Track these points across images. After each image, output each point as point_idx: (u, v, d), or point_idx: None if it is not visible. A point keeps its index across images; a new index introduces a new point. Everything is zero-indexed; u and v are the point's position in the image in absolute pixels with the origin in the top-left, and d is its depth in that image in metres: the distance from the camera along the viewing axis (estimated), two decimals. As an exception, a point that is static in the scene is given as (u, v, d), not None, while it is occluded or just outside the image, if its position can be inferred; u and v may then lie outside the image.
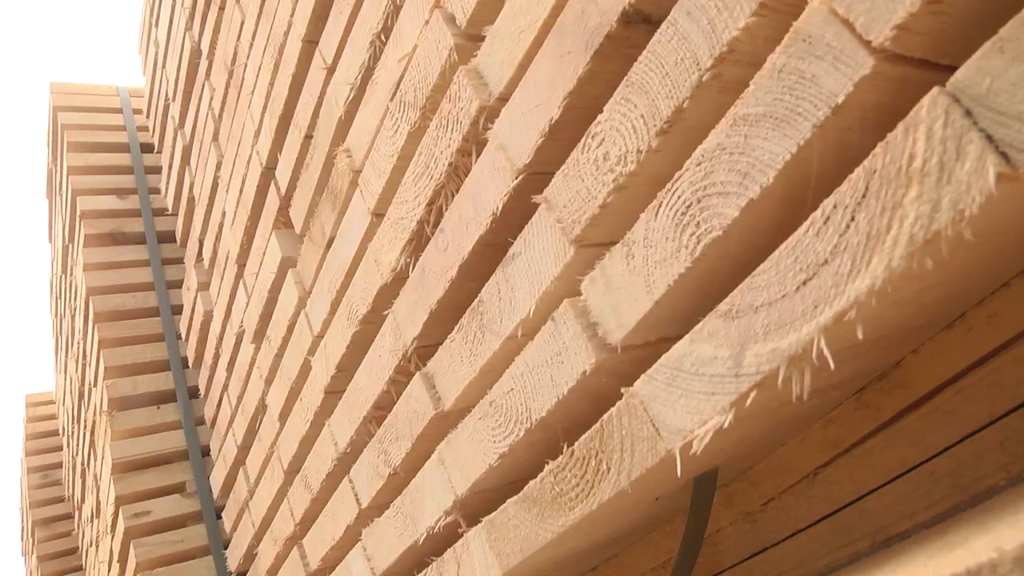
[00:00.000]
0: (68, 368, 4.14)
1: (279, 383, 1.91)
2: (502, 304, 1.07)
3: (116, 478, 2.85)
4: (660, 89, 0.83)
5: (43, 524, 5.10)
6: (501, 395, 1.05)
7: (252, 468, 2.24)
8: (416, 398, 1.27)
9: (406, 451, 1.32)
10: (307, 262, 1.73)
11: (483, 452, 1.11)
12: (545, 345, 0.97)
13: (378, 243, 1.36)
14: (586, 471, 0.93)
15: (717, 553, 1.43)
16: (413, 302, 1.26)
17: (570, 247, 0.95)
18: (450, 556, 1.21)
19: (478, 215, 1.10)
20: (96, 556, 3.92)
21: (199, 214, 2.66)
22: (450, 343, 1.18)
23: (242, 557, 2.42)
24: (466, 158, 1.16)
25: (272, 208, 1.92)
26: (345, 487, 1.56)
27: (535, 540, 1.02)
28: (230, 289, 2.33)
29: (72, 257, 3.63)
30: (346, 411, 1.54)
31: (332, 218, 1.59)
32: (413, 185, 1.25)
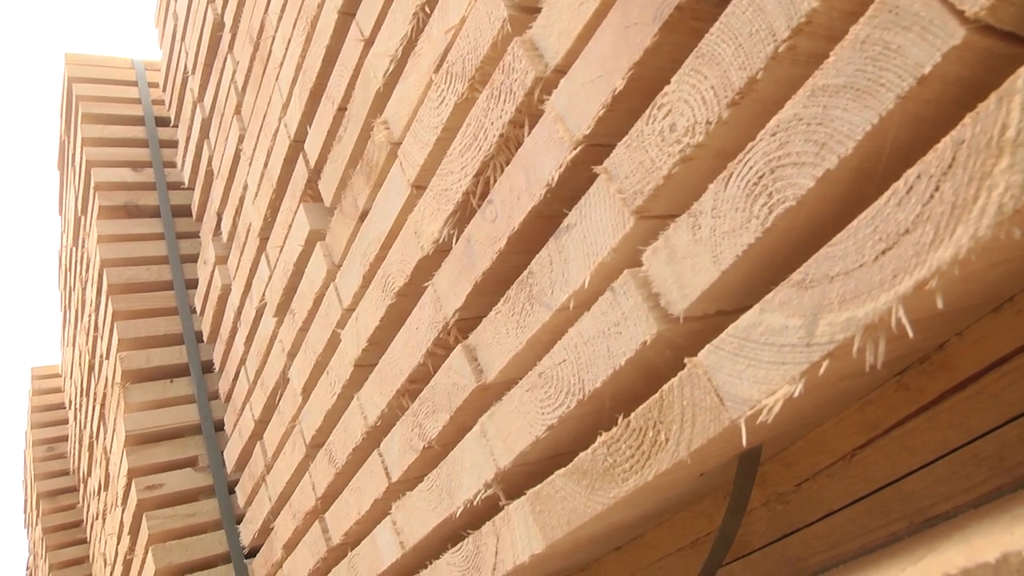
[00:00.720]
0: (77, 341, 4.13)
1: (303, 356, 1.90)
2: (553, 275, 1.06)
3: (129, 450, 2.84)
4: (733, 60, 0.83)
5: (48, 496, 5.10)
6: (552, 366, 1.05)
7: (270, 442, 2.24)
8: (457, 370, 1.26)
9: (443, 424, 1.32)
10: (337, 235, 1.72)
11: (529, 424, 1.10)
12: (602, 316, 0.97)
13: (419, 215, 1.36)
14: (642, 442, 0.92)
15: (747, 534, 1.43)
16: (456, 274, 1.26)
17: (630, 218, 0.95)
18: (488, 529, 1.21)
19: (530, 186, 1.10)
20: (103, 529, 3.92)
21: (218, 188, 2.65)
22: (495, 315, 1.18)
23: (256, 532, 2.42)
24: (518, 129, 1.15)
25: (300, 181, 1.91)
26: (374, 461, 1.56)
27: (583, 512, 1.02)
28: (251, 263, 2.32)
29: (85, 229, 3.61)
30: (377, 384, 1.53)
31: (366, 190, 1.58)
32: (460, 156, 1.24)
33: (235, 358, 2.56)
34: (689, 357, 0.86)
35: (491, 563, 1.21)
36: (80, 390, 4.09)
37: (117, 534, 3.33)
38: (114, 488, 3.28)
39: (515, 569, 1.16)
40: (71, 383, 4.51)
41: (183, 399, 3.00)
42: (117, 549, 3.40)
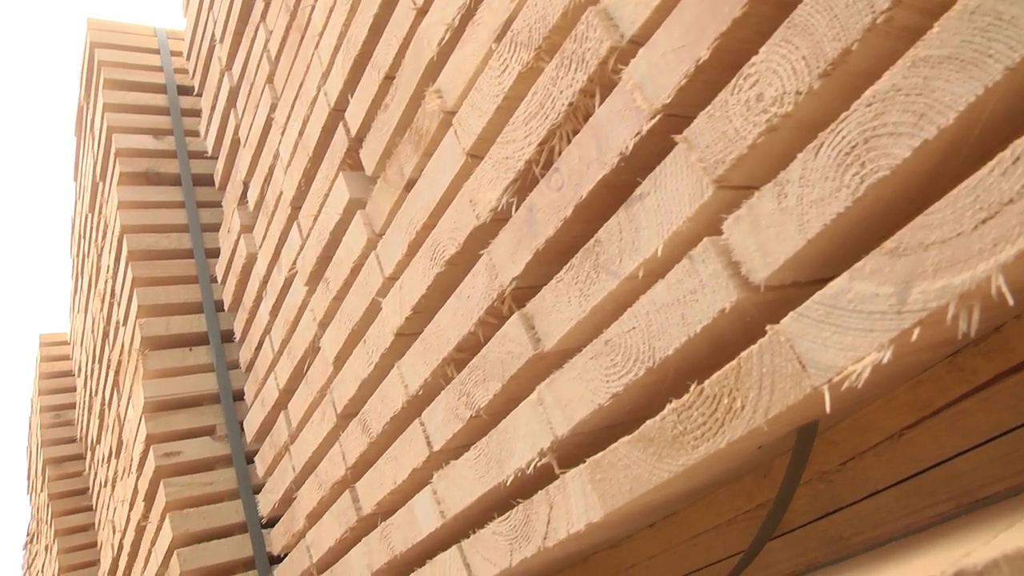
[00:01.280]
0: (90, 308, 4.13)
1: (337, 325, 1.91)
2: (623, 244, 1.07)
3: (147, 417, 2.85)
4: (827, 31, 0.83)
5: (55, 463, 5.11)
6: (620, 334, 1.05)
7: (296, 412, 2.24)
8: (512, 339, 1.27)
9: (494, 393, 1.32)
10: (379, 203, 1.72)
11: (592, 392, 1.11)
12: (678, 283, 0.97)
13: (475, 183, 1.36)
14: (716, 409, 0.93)
15: (788, 512, 1.44)
16: (515, 242, 1.26)
17: (709, 187, 0.95)
18: (541, 498, 1.21)
19: (602, 155, 1.10)
20: (112, 496, 3.92)
21: (245, 157, 2.64)
22: (556, 284, 1.18)
23: (277, 502, 2.42)
24: (588, 99, 1.15)
25: (339, 149, 1.91)
26: (414, 430, 1.56)
27: (647, 480, 1.02)
28: (280, 231, 2.32)
29: (103, 195, 3.61)
30: (421, 353, 1.54)
31: (414, 159, 1.58)
32: (524, 125, 1.24)
33: (259, 327, 2.56)
34: (770, 325, 0.86)
35: (542, 532, 1.22)
36: (92, 357, 4.09)
37: (130, 501, 3.34)
38: (128, 455, 3.29)
39: (568, 538, 1.17)
40: (81, 350, 4.51)
41: (202, 368, 3.00)
42: (129, 516, 3.41)
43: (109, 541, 4.04)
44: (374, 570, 1.76)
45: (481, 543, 1.37)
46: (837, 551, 1.42)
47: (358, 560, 1.82)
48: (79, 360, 4.69)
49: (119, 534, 3.71)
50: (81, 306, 4.51)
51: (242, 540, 2.74)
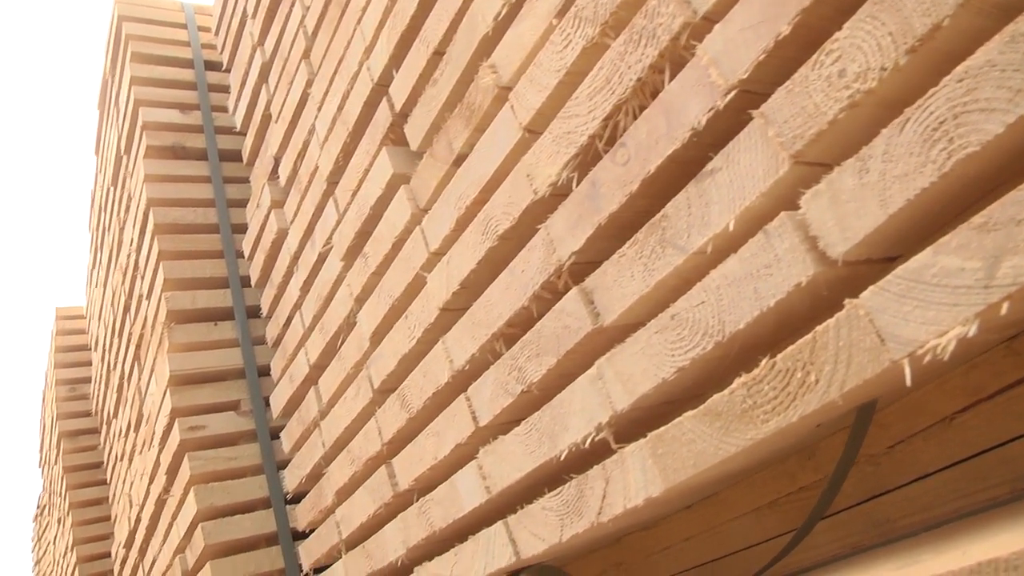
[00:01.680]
0: (110, 281, 4.14)
1: (376, 301, 1.91)
2: (691, 219, 1.07)
3: (173, 390, 2.86)
4: (916, 7, 0.83)
5: (69, 436, 5.14)
6: (688, 308, 1.06)
7: (327, 387, 2.25)
8: (569, 313, 1.27)
9: (548, 368, 1.33)
10: (425, 178, 1.73)
11: (656, 366, 1.11)
12: (752, 258, 0.98)
13: (533, 158, 1.36)
14: (788, 383, 0.93)
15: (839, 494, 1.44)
16: (575, 217, 1.27)
17: (785, 162, 0.95)
18: (597, 473, 1.22)
19: (671, 130, 1.10)
20: (129, 469, 3.94)
21: (277, 132, 2.65)
22: (619, 258, 1.19)
23: (304, 477, 2.43)
24: (656, 75, 1.15)
25: (381, 125, 1.92)
26: (459, 405, 1.57)
27: (713, 455, 1.03)
28: (315, 207, 2.33)
29: (127, 169, 3.62)
30: (469, 328, 1.54)
31: (464, 134, 1.59)
32: (588, 100, 1.25)
33: (288, 303, 2.57)
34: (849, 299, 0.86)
35: (596, 507, 1.22)
36: (111, 331, 4.11)
37: (150, 474, 3.36)
38: (149, 428, 3.31)
39: (624, 513, 1.18)
40: (99, 324, 4.52)
41: (227, 343, 3.02)
42: (149, 489, 3.43)
43: (125, 514, 4.06)
44: (410, 546, 1.77)
45: (529, 518, 1.38)
46: (882, 534, 1.43)
47: (393, 536, 1.83)
48: (96, 334, 4.71)
49: (136, 507, 3.72)
50: (99, 280, 4.52)
51: (266, 515, 2.76)
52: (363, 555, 2.00)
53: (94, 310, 4.83)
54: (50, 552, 6.72)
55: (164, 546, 3.25)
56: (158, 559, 3.41)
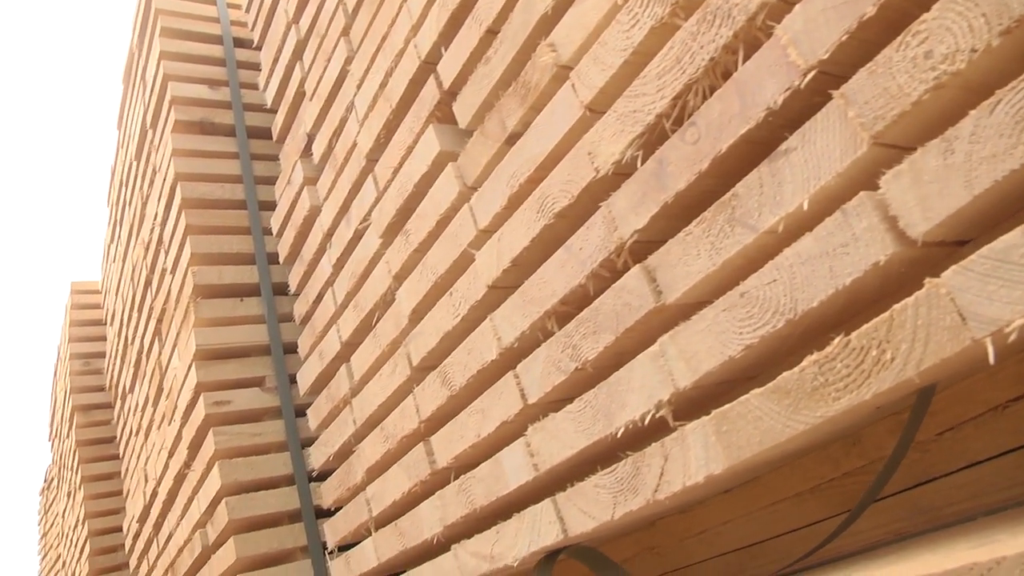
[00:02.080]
0: (129, 256, 4.16)
1: (417, 278, 1.93)
2: (763, 198, 1.09)
3: (198, 365, 2.88)
4: (1013, -11, 0.84)
5: (83, 410, 5.16)
6: (759, 286, 1.07)
7: (360, 365, 2.26)
8: (630, 291, 1.29)
9: (605, 345, 1.34)
10: (474, 156, 1.74)
11: (723, 344, 1.13)
12: (828, 237, 0.99)
13: (595, 136, 1.37)
14: (863, 361, 0.95)
15: (879, 482, 1.45)
16: (640, 195, 1.28)
17: (864, 143, 0.97)
18: (655, 450, 1.23)
19: (745, 110, 1.12)
20: (145, 444, 3.97)
21: (311, 109, 2.66)
22: (685, 236, 1.20)
23: (332, 455, 2.45)
24: (729, 55, 1.17)
25: (428, 102, 1.93)
26: (507, 383, 1.59)
27: (780, 432, 1.04)
28: (351, 184, 2.34)
29: (152, 143, 3.63)
30: (520, 306, 1.56)
31: (519, 112, 1.60)
32: (656, 79, 1.26)
33: (319, 280, 2.58)
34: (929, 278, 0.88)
35: (653, 485, 1.24)
36: (131, 305, 4.12)
37: (170, 449, 3.38)
38: (171, 402, 3.33)
39: (683, 491, 1.19)
40: (116, 299, 4.54)
41: (252, 319, 3.03)
42: (168, 463, 3.45)
43: (140, 488, 4.08)
44: (447, 523, 1.78)
45: (579, 496, 1.39)
46: (928, 521, 1.44)
47: (430, 513, 1.85)
48: (112, 308, 4.73)
49: (153, 482, 3.75)
50: (118, 255, 4.54)
51: (289, 492, 2.77)
52: (395, 533, 2.01)
53: (111, 285, 4.84)
54: (57, 525, 6.76)
55: (183, 521, 3.27)
56: (175, 534, 3.44)
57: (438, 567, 1.83)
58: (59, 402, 5.93)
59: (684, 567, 1.90)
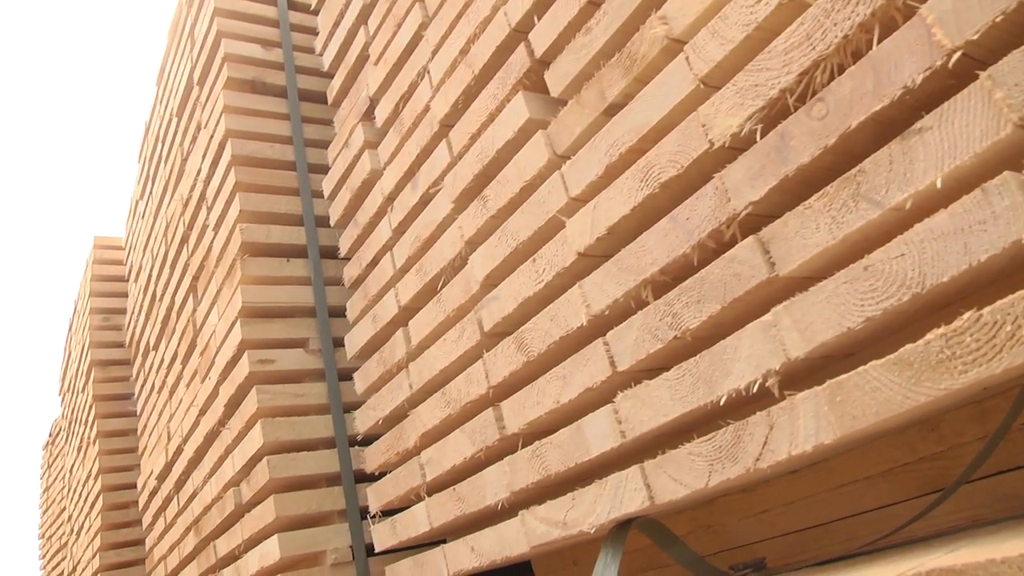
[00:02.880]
0: (162, 212, 4.20)
1: (495, 243, 1.97)
2: (892, 175, 1.13)
3: (244, 322, 2.92)
4: None
5: (101, 365, 5.21)
6: (885, 260, 1.12)
7: (419, 329, 2.31)
8: (742, 262, 1.33)
9: (710, 314, 1.39)
10: (568, 125, 1.78)
11: (841, 315, 1.17)
12: (965, 214, 1.03)
13: (711, 109, 1.42)
14: (995, 336, 0.99)
15: (957, 468, 1.50)
16: (758, 168, 1.33)
17: (1007, 125, 1.01)
18: (759, 419, 1.28)
19: (879, 88, 1.16)
20: (170, 401, 4.01)
21: (376, 73, 2.70)
22: (803, 210, 1.25)
23: (382, 419, 2.49)
24: (864, 33, 1.21)
25: (515, 70, 1.97)
26: (594, 350, 1.63)
27: (899, 404, 1.09)
28: (419, 148, 2.39)
29: (199, 100, 3.67)
30: (614, 274, 1.60)
31: (621, 83, 1.64)
32: (783, 55, 1.30)
33: (375, 244, 2.63)
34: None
35: (755, 453, 1.29)
36: (161, 261, 4.17)
37: (201, 406, 3.42)
38: (206, 360, 3.37)
39: (788, 460, 1.24)
40: (144, 255, 4.58)
41: (298, 280, 3.08)
42: (199, 421, 3.49)
43: (161, 446, 4.13)
44: (515, 489, 1.83)
45: (671, 463, 1.44)
46: (1007, 509, 1.48)
47: (495, 479, 1.90)
48: (138, 265, 4.77)
49: (178, 439, 3.79)
50: (149, 211, 4.58)
51: (329, 455, 2.82)
52: (453, 498, 2.06)
53: (137, 240, 4.89)
54: (62, 480, 6.82)
55: (212, 479, 3.32)
56: (201, 492, 3.49)
57: (500, 533, 1.87)
58: (74, 356, 5.98)
59: (740, 546, 1.94)
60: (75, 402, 5.92)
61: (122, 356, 5.30)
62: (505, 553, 1.86)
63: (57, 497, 7.25)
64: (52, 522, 7.51)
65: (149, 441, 4.48)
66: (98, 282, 5.48)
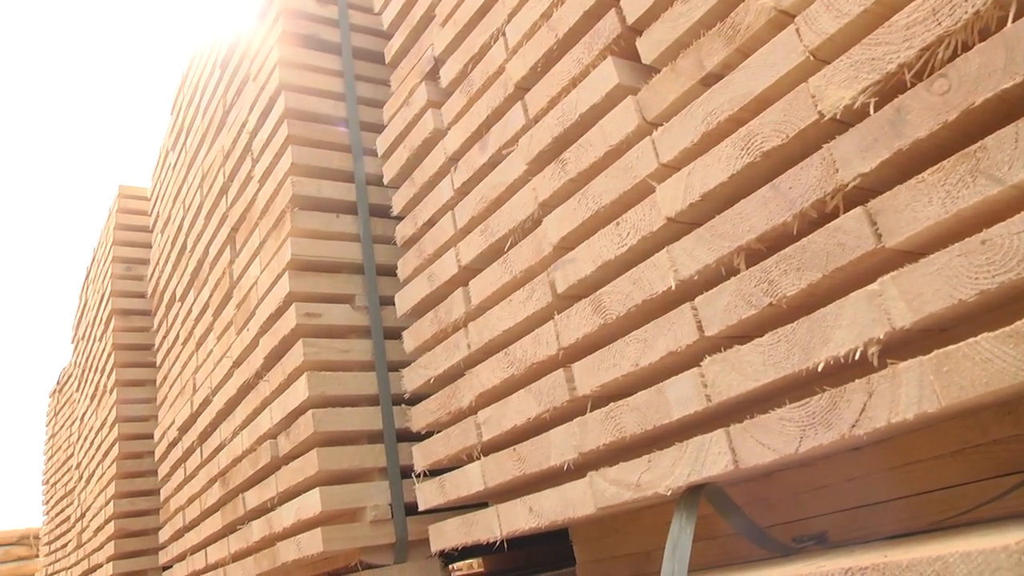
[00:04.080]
0: (199, 163, 4.25)
1: (574, 206, 2.02)
2: (1016, 153, 1.18)
3: (292, 274, 2.98)
4: None
5: (121, 314, 5.28)
6: (1005, 235, 1.17)
7: (481, 289, 2.36)
8: (847, 232, 1.39)
9: (809, 282, 1.45)
10: (661, 92, 1.83)
11: (953, 287, 1.23)
12: (1094, 193, 1.10)
13: (822, 81, 1.47)
14: (1115, 317, 1.05)
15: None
16: (870, 140, 1.38)
17: None
18: (858, 386, 1.33)
19: (1011, 66, 1.22)
20: (196, 353, 4.07)
21: (444, 35, 2.75)
22: (916, 183, 1.30)
23: (433, 378, 2.55)
24: (999, 11, 1.26)
25: (603, 36, 2.02)
26: (681, 315, 1.68)
27: (1012, 375, 1.14)
28: (490, 110, 2.44)
29: (248, 52, 3.72)
30: (707, 240, 1.65)
31: (722, 53, 1.70)
32: (904, 29, 1.35)
33: (434, 203, 2.68)
34: None
35: (851, 420, 1.34)
36: (195, 213, 4.22)
37: (237, 358, 3.48)
38: (245, 311, 3.43)
39: (887, 427, 1.29)
40: (175, 206, 4.63)
41: (347, 236, 3.13)
42: (232, 372, 3.55)
43: (185, 397, 4.19)
44: (584, 450, 1.89)
45: (759, 428, 1.49)
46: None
47: (562, 440, 1.95)
48: (166, 215, 4.82)
49: (205, 391, 3.85)
50: (181, 162, 4.63)
51: (372, 412, 2.88)
52: (512, 458, 2.12)
53: (165, 191, 4.94)
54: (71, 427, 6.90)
55: (244, 431, 3.37)
56: (229, 444, 3.54)
57: (563, 494, 1.93)
58: (91, 304, 6.04)
59: (795, 521, 1.99)
60: (90, 350, 5.98)
61: (143, 306, 5.37)
62: (568, 514, 1.92)
63: (63, 444, 7.33)
64: (57, 469, 7.59)
65: (170, 392, 4.54)
66: (122, 231, 5.53)
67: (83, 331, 6.45)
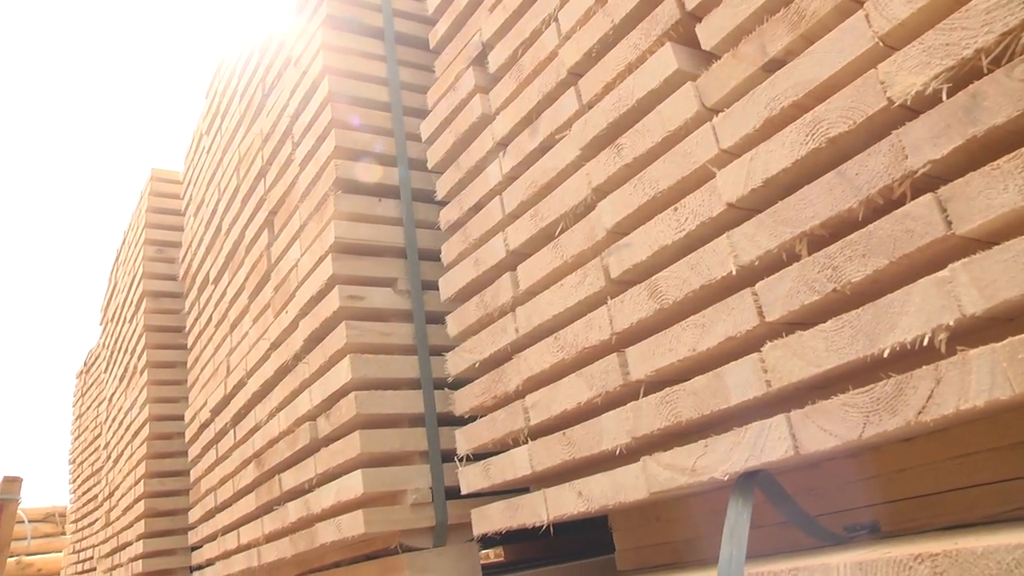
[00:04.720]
0: (236, 145, 4.28)
1: (630, 191, 2.04)
2: (1096, 141, 1.21)
3: (335, 257, 3.01)
4: None
5: (153, 296, 5.34)
6: (1083, 224, 1.20)
7: (529, 274, 2.38)
8: (915, 218, 1.40)
9: (875, 269, 1.46)
10: (721, 78, 1.85)
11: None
12: None
13: (893, 66, 1.49)
14: None
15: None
16: (942, 126, 1.40)
17: None
18: (926, 373, 1.35)
19: (1106, 54, 1.23)
20: (231, 335, 4.11)
21: (492, 20, 2.77)
22: (991, 170, 1.31)
23: (478, 363, 2.58)
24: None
25: (661, 22, 2.04)
26: (741, 300, 1.70)
27: (1093, 365, 1.17)
28: (541, 95, 2.46)
29: (290, 35, 3.75)
30: (769, 226, 1.67)
31: (786, 39, 1.71)
32: (984, 14, 1.37)
33: (480, 188, 2.70)
34: None
35: (917, 406, 1.36)
36: (231, 195, 4.26)
37: (275, 341, 3.52)
38: (284, 294, 3.47)
39: (955, 414, 1.31)
40: (210, 189, 4.68)
41: (390, 220, 3.16)
42: (269, 355, 3.59)
43: (218, 379, 4.23)
44: (638, 435, 1.91)
45: (821, 413, 1.51)
46: None
47: (614, 425, 1.98)
48: (200, 198, 4.87)
49: (240, 373, 3.90)
50: (216, 145, 4.67)
51: (414, 395, 2.91)
52: (561, 442, 2.15)
53: (199, 174, 4.98)
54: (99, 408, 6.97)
55: (281, 413, 3.41)
56: (264, 426, 3.59)
57: (615, 478, 1.96)
58: (121, 286, 6.11)
59: (843, 511, 2.00)
60: (120, 332, 6.05)
61: (174, 289, 5.42)
62: (619, 498, 1.94)
63: (91, 424, 7.41)
64: (84, 448, 7.67)
65: (202, 374, 4.58)
66: (154, 214, 5.59)
67: (112, 313, 6.52)
